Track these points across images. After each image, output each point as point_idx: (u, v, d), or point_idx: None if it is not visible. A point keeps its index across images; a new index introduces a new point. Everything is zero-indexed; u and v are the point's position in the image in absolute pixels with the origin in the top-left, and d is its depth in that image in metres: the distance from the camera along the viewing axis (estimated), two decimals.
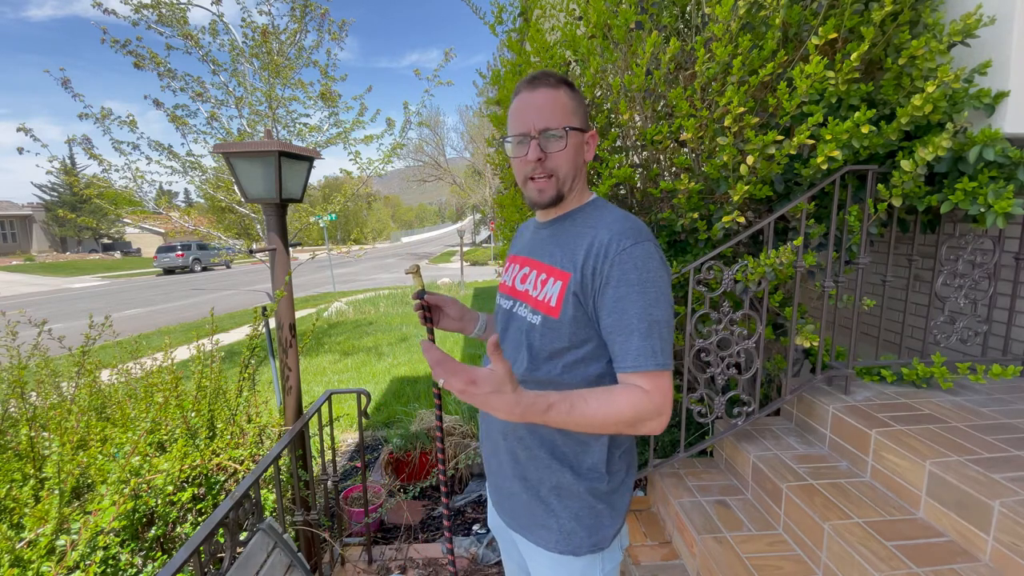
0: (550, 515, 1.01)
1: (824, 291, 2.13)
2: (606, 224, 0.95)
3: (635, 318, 0.88)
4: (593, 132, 1.03)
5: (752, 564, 1.79)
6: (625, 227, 0.93)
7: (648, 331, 0.87)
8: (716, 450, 2.56)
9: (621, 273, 0.89)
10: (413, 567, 2.41)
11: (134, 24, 4.03)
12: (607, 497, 1.01)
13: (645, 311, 0.87)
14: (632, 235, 0.91)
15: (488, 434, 1.13)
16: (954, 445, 1.75)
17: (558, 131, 0.95)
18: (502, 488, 1.10)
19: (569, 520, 0.99)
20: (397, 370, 6.09)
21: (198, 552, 1.26)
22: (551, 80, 0.97)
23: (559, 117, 0.96)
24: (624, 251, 0.89)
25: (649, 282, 0.88)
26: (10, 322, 2.29)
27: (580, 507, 0.99)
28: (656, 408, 0.87)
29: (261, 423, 2.24)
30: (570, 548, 1.00)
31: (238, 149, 1.92)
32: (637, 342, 0.87)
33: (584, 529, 0.99)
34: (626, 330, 0.88)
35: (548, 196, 1.00)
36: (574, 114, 0.98)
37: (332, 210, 5.91)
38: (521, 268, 1.10)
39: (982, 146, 1.87)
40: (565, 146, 0.96)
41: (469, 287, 13.97)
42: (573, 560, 1.00)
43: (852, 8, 1.95)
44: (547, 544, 1.01)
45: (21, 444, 1.74)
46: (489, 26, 2.72)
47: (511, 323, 1.07)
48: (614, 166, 2.25)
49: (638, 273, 0.88)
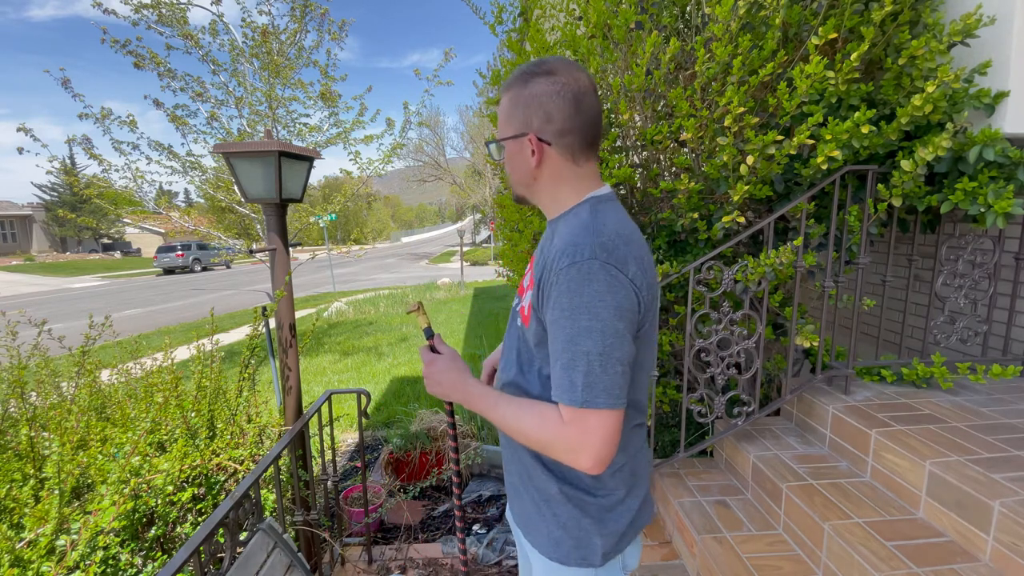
0: (541, 518, 0.99)
1: (824, 291, 2.13)
2: (560, 235, 0.88)
3: (559, 345, 0.81)
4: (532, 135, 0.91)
5: (752, 564, 1.79)
6: (569, 242, 0.82)
7: (570, 363, 0.80)
8: (716, 450, 2.56)
9: (557, 295, 0.82)
10: (413, 567, 2.41)
11: (134, 24, 4.03)
12: (597, 513, 0.96)
13: (570, 341, 0.79)
14: (570, 253, 0.81)
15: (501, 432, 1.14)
16: (954, 445, 1.75)
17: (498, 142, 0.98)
18: (510, 485, 1.11)
19: (556, 528, 0.97)
20: (397, 370, 6.09)
21: (198, 552, 1.26)
22: (504, 85, 0.97)
23: (499, 129, 0.98)
24: (561, 271, 0.81)
25: (580, 308, 0.78)
26: (10, 322, 2.29)
27: (567, 517, 0.96)
28: (567, 442, 0.80)
29: (261, 423, 2.24)
30: (558, 556, 0.97)
31: (238, 149, 1.92)
32: (558, 372, 0.82)
33: (571, 539, 0.96)
34: (553, 356, 0.84)
35: (513, 197, 1.07)
36: (506, 122, 0.95)
37: (332, 210, 5.91)
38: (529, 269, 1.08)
39: (982, 146, 1.87)
40: (505, 154, 0.98)
41: (469, 287, 13.97)
42: (562, 569, 0.98)
43: (852, 8, 1.95)
44: (540, 547, 1.00)
45: (21, 444, 1.74)
46: (489, 26, 2.73)
47: (512, 324, 1.07)
48: (614, 166, 2.25)
49: (569, 297, 0.80)
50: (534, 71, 0.90)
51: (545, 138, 0.91)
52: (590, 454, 0.80)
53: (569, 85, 0.89)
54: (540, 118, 0.90)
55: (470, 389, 0.97)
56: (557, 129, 0.90)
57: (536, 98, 0.90)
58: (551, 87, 0.89)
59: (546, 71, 0.89)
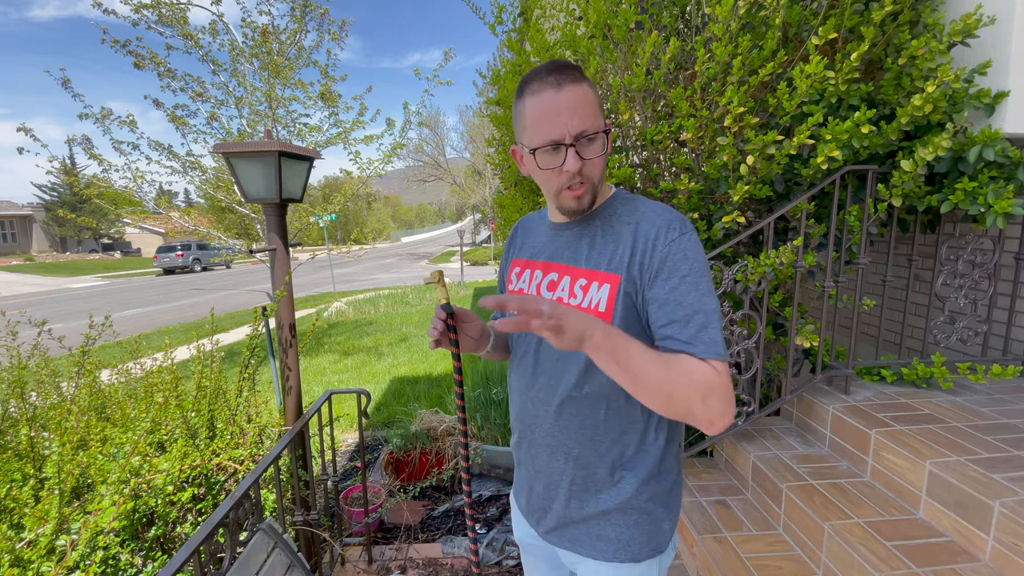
0: (609, 525, 0.98)
1: (824, 291, 2.13)
2: (647, 218, 0.91)
3: (689, 309, 0.84)
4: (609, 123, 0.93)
5: (752, 564, 1.79)
6: (669, 218, 0.90)
7: (706, 321, 0.84)
8: (716, 450, 2.56)
9: (673, 265, 0.86)
10: (413, 567, 2.41)
11: (134, 24, 4.04)
12: (664, 498, 1.00)
13: (701, 301, 0.85)
14: (678, 226, 0.89)
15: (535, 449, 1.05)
16: (954, 445, 1.75)
17: (595, 135, 0.87)
18: (546, 505, 1.05)
19: (627, 528, 0.97)
20: (397, 370, 6.09)
21: (198, 552, 1.26)
22: (575, 74, 0.86)
23: (592, 118, 0.86)
24: (672, 243, 0.87)
25: (701, 273, 0.86)
26: (10, 322, 2.30)
27: (641, 512, 0.97)
28: (727, 394, 0.81)
29: (261, 423, 2.24)
30: (630, 555, 0.97)
31: (238, 149, 1.92)
32: (693, 331, 0.83)
33: (644, 534, 0.98)
34: (685, 320, 0.84)
35: (586, 203, 0.93)
36: (598, 112, 0.89)
37: (332, 210, 5.91)
38: (546, 274, 1.01)
39: (982, 146, 1.87)
40: (602, 149, 0.89)
41: (469, 287, 13.97)
42: (633, 567, 0.98)
43: (852, 8, 1.95)
44: (606, 555, 0.98)
45: (21, 444, 1.74)
46: (489, 26, 2.73)
47: None
48: (614, 166, 2.25)
49: (689, 264, 0.86)
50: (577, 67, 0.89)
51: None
52: (733, 406, 0.84)
53: None
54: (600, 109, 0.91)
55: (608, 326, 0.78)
56: None
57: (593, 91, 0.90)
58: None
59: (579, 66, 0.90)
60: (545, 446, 1.02)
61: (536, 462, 1.05)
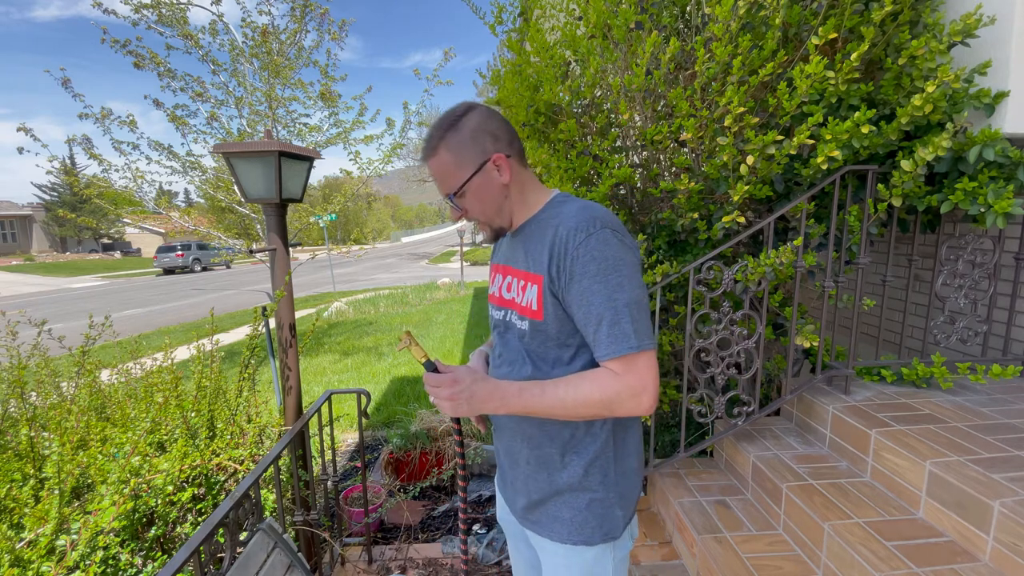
0: (565, 506, 1.04)
1: (824, 291, 2.13)
2: (563, 220, 0.97)
3: (599, 308, 0.90)
4: (496, 155, 0.98)
5: (752, 564, 1.79)
6: (579, 220, 0.94)
7: (615, 318, 0.89)
8: (716, 450, 2.56)
9: (582, 266, 0.91)
10: (413, 567, 2.41)
11: (134, 24, 4.04)
12: (617, 483, 1.04)
13: (609, 299, 0.89)
14: (585, 227, 0.92)
15: (500, 430, 1.16)
16: (954, 445, 1.75)
17: (459, 191, 1.00)
18: (515, 484, 1.13)
19: (579, 511, 1.02)
20: (397, 370, 6.09)
21: (198, 552, 1.26)
22: (429, 147, 1.00)
23: (448, 183, 1.00)
24: (580, 244, 0.91)
25: (609, 269, 0.90)
26: (10, 322, 2.30)
27: (592, 496, 1.02)
28: (630, 389, 0.89)
29: (261, 423, 2.24)
30: (583, 537, 1.03)
31: (238, 149, 1.92)
32: (606, 330, 0.90)
33: (595, 518, 1.02)
34: (595, 321, 0.91)
35: (490, 235, 1.08)
36: (459, 168, 0.99)
37: (332, 210, 5.92)
38: (504, 277, 1.13)
39: (982, 146, 1.87)
40: (467, 199, 1.01)
41: (469, 287, 13.97)
42: (586, 550, 1.03)
43: (852, 8, 1.95)
44: (560, 536, 1.04)
45: (21, 444, 1.74)
46: (489, 26, 2.72)
47: (508, 332, 1.10)
48: (614, 166, 2.25)
49: (596, 264, 0.90)
50: (455, 115, 0.99)
51: (503, 151, 1.00)
52: (651, 392, 0.90)
53: (486, 108, 1.02)
54: (490, 140, 0.99)
55: (506, 390, 0.96)
56: (507, 142, 1.01)
57: (475, 130, 0.99)
58: (479, 116, 0.99)
59: (464, 110, 1.00)
60: (507, 428, 1.12)
61: (502, 443, 1.16)
